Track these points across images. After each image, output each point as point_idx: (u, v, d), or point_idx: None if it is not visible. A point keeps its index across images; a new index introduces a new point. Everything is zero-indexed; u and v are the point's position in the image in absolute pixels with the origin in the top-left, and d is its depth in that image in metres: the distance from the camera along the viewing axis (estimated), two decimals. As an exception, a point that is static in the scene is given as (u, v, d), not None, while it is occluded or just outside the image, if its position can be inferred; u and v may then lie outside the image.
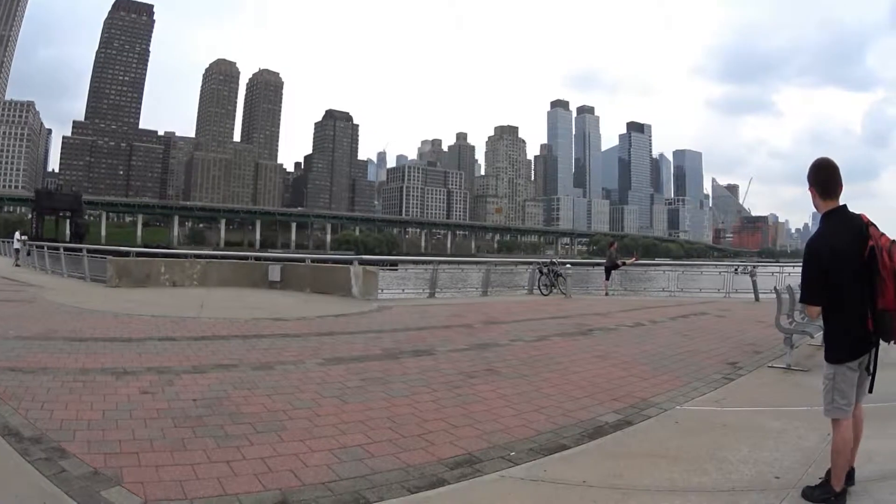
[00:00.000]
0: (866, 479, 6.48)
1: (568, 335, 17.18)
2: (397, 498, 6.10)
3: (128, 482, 6.11)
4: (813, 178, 6.18)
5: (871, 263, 5.77)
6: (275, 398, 9.47)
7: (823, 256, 5.90)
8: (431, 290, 30.85)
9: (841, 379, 6.06)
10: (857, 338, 5.95)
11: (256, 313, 19.88)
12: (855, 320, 5.90)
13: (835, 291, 5.89)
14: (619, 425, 8.64)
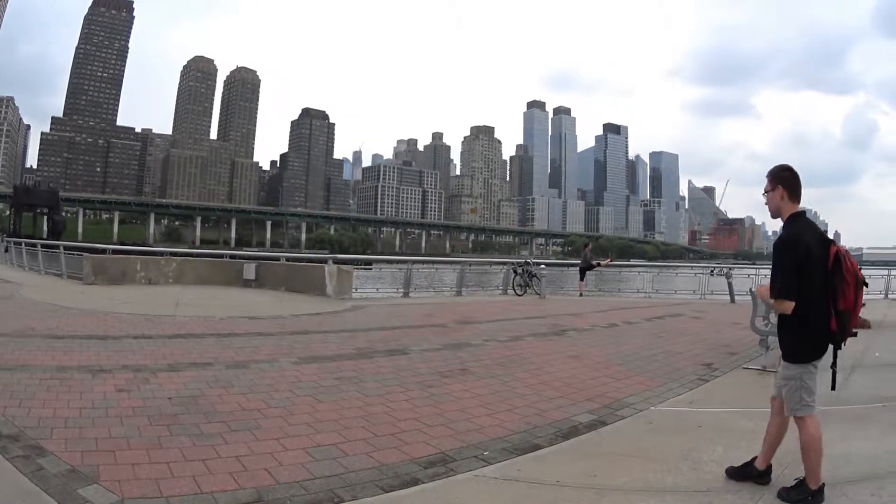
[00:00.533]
0: (844, 481, 6.54)
1: (542, 335, 17.22)
2: (371, 497, 6.12)
3: (104, 480, 6.12)
4: (785, 181, 6.32)
5: (836, 267, 6.07)
6: (249, 397, 9.48)
7: (800, 254, 6.03)
8: (406, 289, 30.87)
9: (808, 377, 6.19)
10: (823, 337, 6.16)
11: (231, 312, 19.86)
12: (821, 320, 6.09)
13: (804, 290, 6.03)
14: (593, 425, 8.67)
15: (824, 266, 6.10)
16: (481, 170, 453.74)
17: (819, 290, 6.07)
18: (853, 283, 6.14)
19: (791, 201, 6.30)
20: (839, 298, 6.10)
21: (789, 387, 6.24)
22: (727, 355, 14.53)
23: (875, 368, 13.43)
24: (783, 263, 6.11)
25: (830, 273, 6.10)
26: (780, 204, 6.31)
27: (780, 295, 6.09)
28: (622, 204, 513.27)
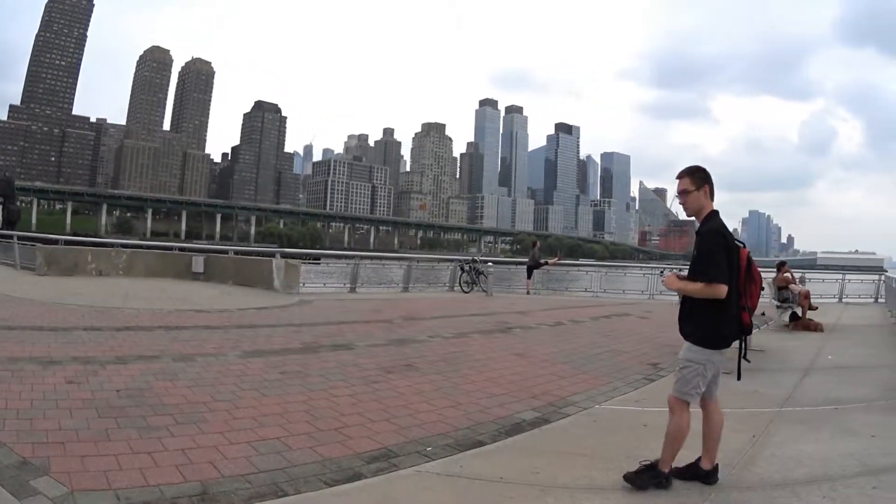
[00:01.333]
0: (796, 482, 6.58)
1: (487, 333, 17.28)
2: (314, 491, 6.13)
3: (55, 472, 6.11)
4: (708, 180, 6.59)
5: (749, 268, 6.50)
6: (195, 390, 9.48)
7: (727, 244, 6.32)
8: (353, 284, 31.04)
9: (710, 366, 6.40)
10: (735, 328, 6.45)
11: (179, 304, 19.82)
12: (735, 312, 6.40)
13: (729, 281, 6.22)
14: (537, 423, 8.69)
15: (738, 265, 6.39)
16: (431, 166, 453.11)
17: (734, 285, 6.31)
18: (760, 283, 6.66)
19: (711, 199, 6.59)
20: (749, 296, 6.52)
21: (690, 370, 6.38)
22: (674, 355, 14.37)
23: (828, 371, 13.57)
24: (716, 249, 6.25)
25: (745, 274, 6.46)
26: (704, 202, 6.54)
27: (716, 279, 6.16)
28: (572, 203, 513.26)
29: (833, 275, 41.04)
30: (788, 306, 21.28)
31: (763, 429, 8.56)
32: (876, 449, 7.66)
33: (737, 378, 6.88)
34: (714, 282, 6.16)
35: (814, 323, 20.39)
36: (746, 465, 7.05)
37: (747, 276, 6.49)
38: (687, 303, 6.51)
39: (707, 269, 6.24)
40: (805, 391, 11.31)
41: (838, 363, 14.51)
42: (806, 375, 12.81)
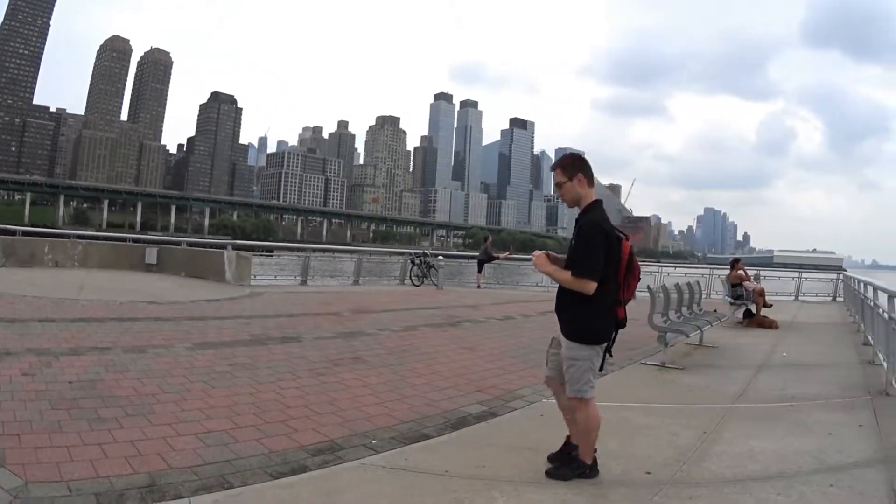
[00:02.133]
0: (748, 479, 6.55)
1: (436, 326, 17.28)
2: (260, 483, 6.12)
3: (10, 463, 6.11)
4: (582, 168, 6.51)
5: (630, 261, 6.47)
6: (146, 382, 9.45)
7: (606, 238, 6.23)
8: (303, 277, 31.04)
9: (596, 359, 6.37)
10: (610, 322, 6.40)
11: (132, 296, 19.58)
12: (614, 305, 6.39)
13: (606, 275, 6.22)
14: (484, 416, 8.69)
15: (619, 258, 6.35)
16: (385, 160, 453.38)
17: (612, 278, 6.32)
18: (638, 277, 6.65)
19: (590, 188, 6.51)
20: (627, 290, 6.51)
21: (577, 367, 6.32)
22: (625, 350, 14.45)
23: (782, 368, 13.62)
24: (592, 244, 6.18)
25: (626, 266, 6.43)
26: (581, 192, 6.49)
27: (587, 274, 6.13)
28: (525, 198, 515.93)
29: (790, 273, 41.43)
30: (742, 303, 21.33)
31: (714, 425, 8.54)
32: (833, 447, 7.60)
33: (598, 369, 6.55)
34: (582, 276, 6.16)
35: (769, 320, 20.48)
36: (697, 460, 7.02)
37: (628, 269, 6.47)
38: (564, 291, 6.43)
39: (578, 262, 6.23)
40: (759, 388, 11.32)
41: (793, 360, 14.56)
42: (760, 372, 12.85)
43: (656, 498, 6.04)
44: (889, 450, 7.41)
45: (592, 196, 6.49)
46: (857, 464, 7.01)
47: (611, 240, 6.23)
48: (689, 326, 14.04)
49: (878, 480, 6.51)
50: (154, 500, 5.61)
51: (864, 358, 14.20)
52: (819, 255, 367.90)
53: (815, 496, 6.10)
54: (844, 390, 11.08)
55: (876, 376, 11.93)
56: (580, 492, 6.14)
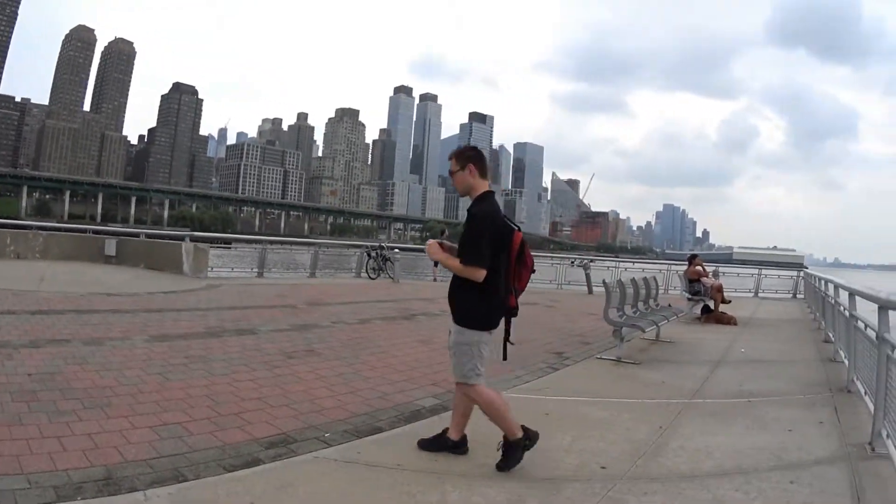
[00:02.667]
0: (706, 475, 6.56)
1: (391, 319, 17.42)
2: (214, 476, 6.09)
3: None
4: (474, 160, 6.72)
5: (522, 252, 6.65)
6: (103, 374, 9.40)
7: (496, 228, 6.44)
8: (260, 269, 30.93)
9: (483, 346, 6.53)
10: (500, 310, 6.60)
11: (91, 288, 19.57)
12: (504, 294, 6.57)
13: (496, 263, 6.39)
14: (437, 410, 8.68)
15: (509, 248, 6.54)
16: (343, 152, 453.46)
17: (503, 267, 6.50)
18: (530, 268, 6.82)
19: (482, 178, 6.70)
20: (518, 279, 6.70)
21: (463, 352, 6.50)
22: (580, 345, 14.66)
23: (740, 364, 13.64)
24: (481, 233, 6.34)
25: (517, 256, 6.61)
26: (472, 182, 6.67)
27: (475, 262, 6.30)
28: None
29: (749, 269, 41.65)
30: (700, 299, 21.35)
31: (671, 420, 8.56)
32: (793, 444, 7.61)
33: (503, 358, 6.92)
34: (470, 264, 6.32)
35: (727, 316, 20.55)
36: (653, 456, 7.01)
37: (519, 259, 6.62)
38: (455, 278, 6.61)
39: (466, 251, 6.37)
40: (716, 384, 11.36)
41: (752, 357, 14.59)
42: (717, 368, 12.90)
43: (611, 493, 6.00)
44: (851, 447, 7.39)
45: (484, 188, 6.68)
46: (819, 461, 7.00)
47: (500, 230, 6.44)
48: (646, 321, 13.96)
49: (839, 478, 6.49)
50: (110, 494, 5.56)
51: (825, 355, 14.28)
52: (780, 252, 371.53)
53: (774, 493, 6.07)
54: (804, 387, 11.12)
55: (837, 373, 12.01)
56: (533, 486, 6.15)
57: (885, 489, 6.17)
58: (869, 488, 6.17)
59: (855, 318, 10.21)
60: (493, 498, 5.85)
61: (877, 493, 6.09)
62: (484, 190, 6.65)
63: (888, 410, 6.87)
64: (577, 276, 35.04)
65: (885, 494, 6.07)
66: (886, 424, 6.93)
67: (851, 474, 6.52)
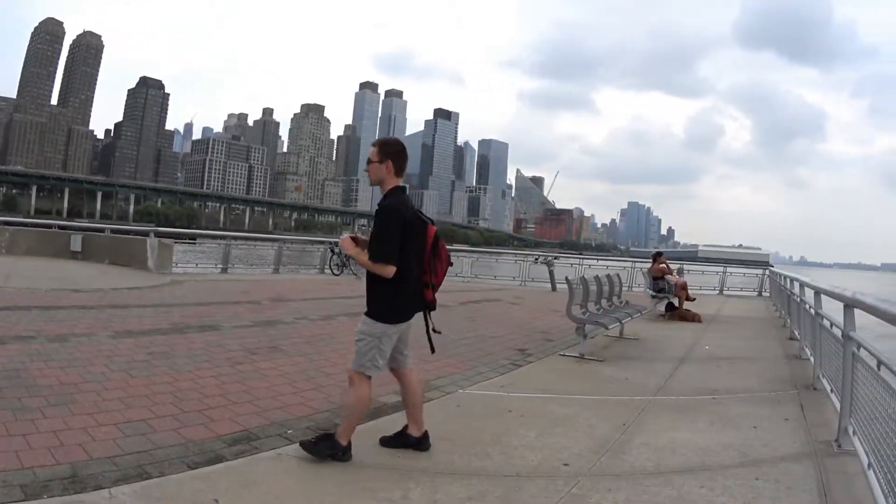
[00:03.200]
0: (670, 471, 6.56)
1: (354, 315, 16.63)
2: (177, 474, 6.05)
3: None
4: (395, 156, 6.75)
5: (435, 246, 6.73)
6: (68, 371, 9.32)
7: (404, 222, 6.44)
8: (224, 265, 30.95)
9: (387, 340, 6.55)
10: (413, 305, 6.70)
11: (56, 284, 19.39)
12: (415, 288, 6.64)
13: (404, 259, 6.39)
14: (399, 406, 8.39)
15: (423, 242, 6.63)
16: (308, 148, 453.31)
17: (416, 262, 6.57)
18: (446, 261, 6.88)
19: (396, 176, 6.72)
20: (434, 274, 6.76)
21: (366, 343, 6.50)
22: (543, 341, 14.67)
23: (705, 361, 13.69)
24: (389, 229, 6.40)
25: (431, 250, 6.69)
26: (386, 176, 6.68)
27: (381, 259, 6.35)
28: (447, 189, 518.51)
29: (714, 267, 41.90)
30: (664, 296, 21.38)
31: (635, 417, 8.57)
32: (757, 440, 7.61)
33: (431, 352, 6.99)
34: (378, 260, 6.37)
35: (691, 313, 20.60)
36: (616, 452, 7.01)
37: (433, 253, 6.71)
38: (370, 275, 6.61)
39: (374, 246, 6.44)
40: (680, 380, 11.39)
41: (717, 354, 14.64)
42: (681, 365, 12.91)
43: (574, 489, 6.00)
44: (817, 444, 7.40)
45: (395, 184, 6.69)
46: (785, 458, 7.00)
47: (410, 224, 6.46)
48: (609, 318, 13.98)
49: (806, 475, 6.50)
50: (76, 492, 5.52)
51: (791, 352, 14.37)
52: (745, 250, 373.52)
53: (740, 490, 6.06)
54: (770, 384, 11.16)
55: (802, 371, 12.05)
56: (497, 483, 6.14)
57: (852, 485, 6.16)
58: (836, 485, 6.18)
59: (821, 316, 10.23)
60: (456, 494, 5.84)
61: (844, 490, 6.08)
62: (395, 185, 6.68)
63: (854, 407, 6.87)
64: (540, 273, 34.94)
65: (852, 491, 6.05)
66: (852, 421, 6.93)
67: (818, 471, 6.53)
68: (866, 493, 5.73)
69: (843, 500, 5.87)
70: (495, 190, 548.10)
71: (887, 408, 5.46)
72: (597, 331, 13.56)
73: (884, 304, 5.56)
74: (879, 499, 5.29)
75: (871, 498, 5.55)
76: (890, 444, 5.20)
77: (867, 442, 6.13)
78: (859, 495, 5.89)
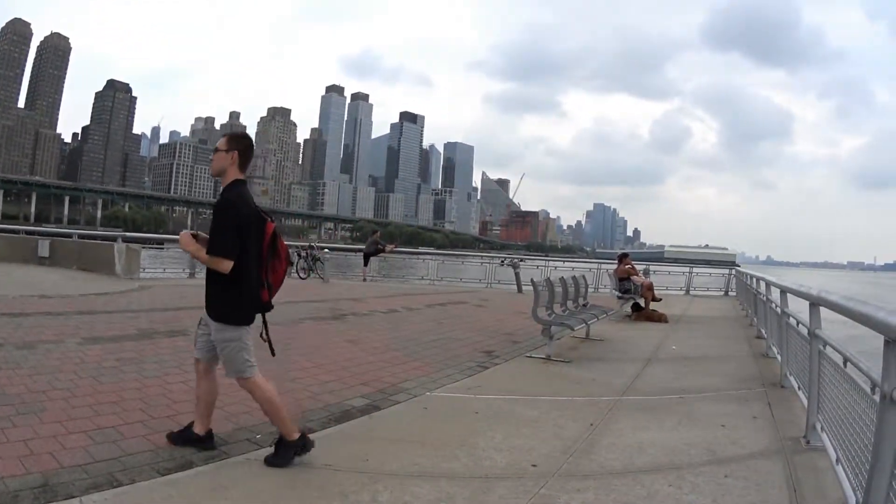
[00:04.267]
0: (639, 470, 6.56)
1: (321, 319, 17.35)
2: (147, 480, 6.03)
3: None
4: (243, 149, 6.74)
5: (274, 243, 6.66)
6: (36, 378, 9.24)
7: (242, 215, 6.39)
8: (192, 270, 30.78)
9: (247, 338, 6.55)
10: (257, 303, 6.57)
11: (24, 290, 19.33)
12: (257, 287, 6.55)
13: (243, 256, 6.33)
14: (367, 410, 8.67)
15: (260, 239, 6.54)
16: (275, 151, 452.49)
17: (254, 259, 6.47)
18: (285, 260, 6.84)
19: (240, 169, 6.68)
20: (272, 272, 6.71)
21: (230, 348, 6.48)
22: (509, 343, 14.65)
23: (672, 361, 13.73)
24: (227, 223, 6.32)
25: (268, 248, 6.61)
26: (229, 167, 6.62)
27: (221, 253, 6.27)
28: (413, 192, 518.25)
29: (681, 268, 42.10)
30: (630, 297, 21.43)
31: (602, 417, 8.59)
32: (725, 438, 7.66)
33: (272, 354, 6.82)
34: (217, 255, 6.29)
35: (657, 314, 20.69)
36: (584, 453, 7.01)
37: (271, 251, 6.65)
38: (208, 271, 6.55)
39: (212, 241, 6.38)
40: (647, 380, 11.41)
41: (684, 353, 14.74)
42: (648, 365, 12.93)
43: (543, 490, 5.99)
44: (786, 441, 7.44)
45: (237, 177, 6.64)
46: (753, 455, 7.05)
47: (247, 220, 6.41)
48: (575, 320, 14.04)
49: (775, 471, 6.54)
50: (47, 501, 5.49)
51: (758, 351, 14.47)
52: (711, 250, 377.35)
53: (708, 487, 6.09)
54: (737, 383, 11.20)
55: (770, 369, 12.13)
56: (465, 485, 6.14)
57: (822, 481, 6.20)
58: (805, 480, 6.22)
59: (787, 314, 10.26)
60: (424, 497, 5.83)
61: (813, 485, 6.13)
62: (236, 178, 6.63)
63: (821, 404, 6.90)
64: (506, 275, 35.04)
65: (822, 486, 6.09)
66: (820, 418, 6.96)
67: (787, 467, 6.56)
68: (836, 487, 5.76)
69: (812, 496, 5.89)
70: (461, 193, 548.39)
71: (854, 404, 5.48)
72: (563, 332, 13.64)
73: (849, 301, 5.57)
74: (849, 493, 5.31)
75: (840, 492, 5.58)
76: (857, 439, 5.22)
77: (835, 438, 6.17)
78: (829, 490, 5.93)
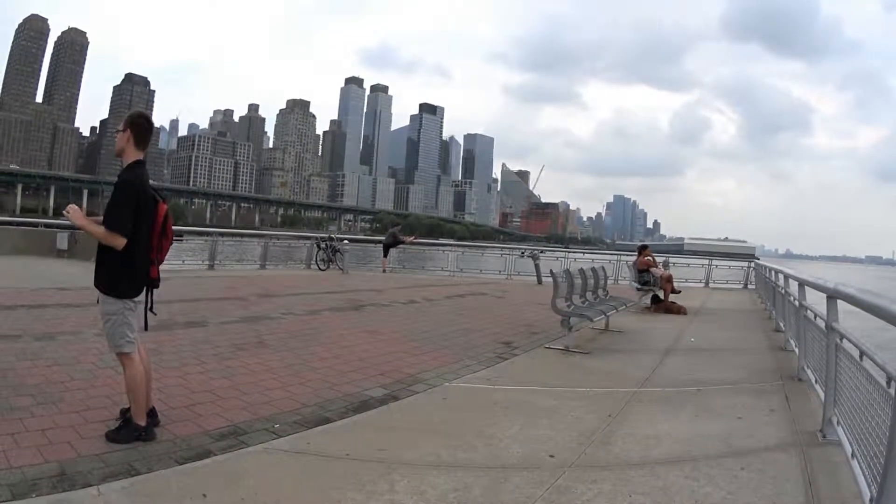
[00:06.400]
0: (655, 462, 6.53)
1: (340, 310, 17.29)
2: (166, 469, 6.05)
3: None
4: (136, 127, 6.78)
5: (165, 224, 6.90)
6: (55, 369, 9.35)
7: (140, 195, 6.55)
8: (210, 261, 30.95)
9: (129, 313, 6.67)
10: (142, 280, 6.75)
11: (42, 283, 19.48)
12: (147, 263, 6.76)
13: (137, 232, 6.51)
14: (385, 400, 8.67)
15: (153, 220, 6.71)
16: (294, 143, 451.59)
17: (145, 237, 6.65)
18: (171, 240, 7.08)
19: (137, 148, 6.77)
20: (160, 252, 6.95)
21: (112, 322, 6.62)
22: (528, 334, 14.64)
23: (690, 353, 13.76)
24: (124, 201, 6.46)
25: (160, 229, 6.83)
26: (126, 147, 6.74)
27: (115, 229, 6.39)
28: (433, 183, 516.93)
29: (700, 260, 41.92)
30: (650, 289, 21.40)
31: (619, 408, 8.55)
32: (742, 431, 7.60)
33: (144, 328, 6.95)
34: (112, 230, 6.40)
35: (676, 306, 20.62)
36: (601, 443, 7.00)
37: (162, 231, 6.85)
38: (100, 248, 6.66)
39: (107, 217, 6.45)
40: (665, 372, 11.34)
41: (702, 345, 14.70)
42: (666, 357, 12.88)
43: (560, 481, 5.95)
44: (802, 434, 7.40)
45: (136, 157, 6.73)
46: (769, 448, 7.00)
47: (143, 199, 6.55)
48: (594, 311, 13.95)
49: (791, 465, 6.49)
50: (64, 490, 5.49)
51: (776, 344, 14.36)
52: (731, 243, 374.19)
53: (724, 480, 6.05)
54: (755, 375, 11.13)
55: (787, 362, 12.05)
56: (482, 475, 6.11)
57: (837, 475, 6.15)
58: (820, 474, 6.17)
59: (805, 307, 10.23)
60: (441, 487, 5.81)
61: (828, 479, 6.08)
62: (135, 159, 6.72)
63: (838, 398, 6.88)
64: (526, 266, 34.93)
65: (837, 480, 6.04)
66: (836, 411, 6.94)
67: (803, 461, 6.52)
68: (850, 482, 5.74)
69: (827, 490, 5.85)
70: (481, 184, 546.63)
71: (870, 398, 5.48)
72: (582, 323, 13.64)
73: (865, 294, 5.57)
74: (863, 488, 5.30)
75: (855, 487, 5.56)
76: (873, 434, 5.22)
77: (851, 432, 6.14)
78: (843, 484, 5.89)
